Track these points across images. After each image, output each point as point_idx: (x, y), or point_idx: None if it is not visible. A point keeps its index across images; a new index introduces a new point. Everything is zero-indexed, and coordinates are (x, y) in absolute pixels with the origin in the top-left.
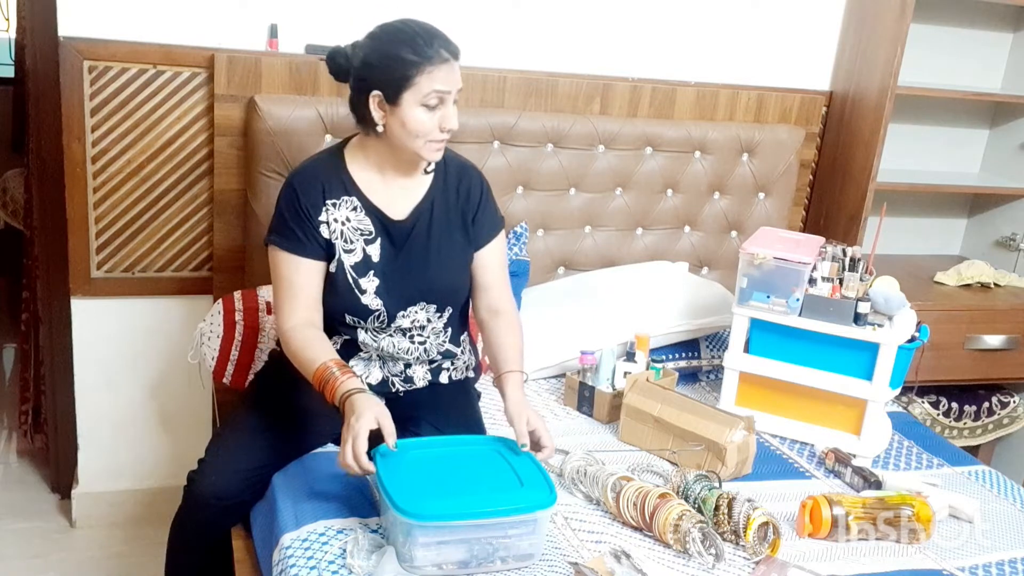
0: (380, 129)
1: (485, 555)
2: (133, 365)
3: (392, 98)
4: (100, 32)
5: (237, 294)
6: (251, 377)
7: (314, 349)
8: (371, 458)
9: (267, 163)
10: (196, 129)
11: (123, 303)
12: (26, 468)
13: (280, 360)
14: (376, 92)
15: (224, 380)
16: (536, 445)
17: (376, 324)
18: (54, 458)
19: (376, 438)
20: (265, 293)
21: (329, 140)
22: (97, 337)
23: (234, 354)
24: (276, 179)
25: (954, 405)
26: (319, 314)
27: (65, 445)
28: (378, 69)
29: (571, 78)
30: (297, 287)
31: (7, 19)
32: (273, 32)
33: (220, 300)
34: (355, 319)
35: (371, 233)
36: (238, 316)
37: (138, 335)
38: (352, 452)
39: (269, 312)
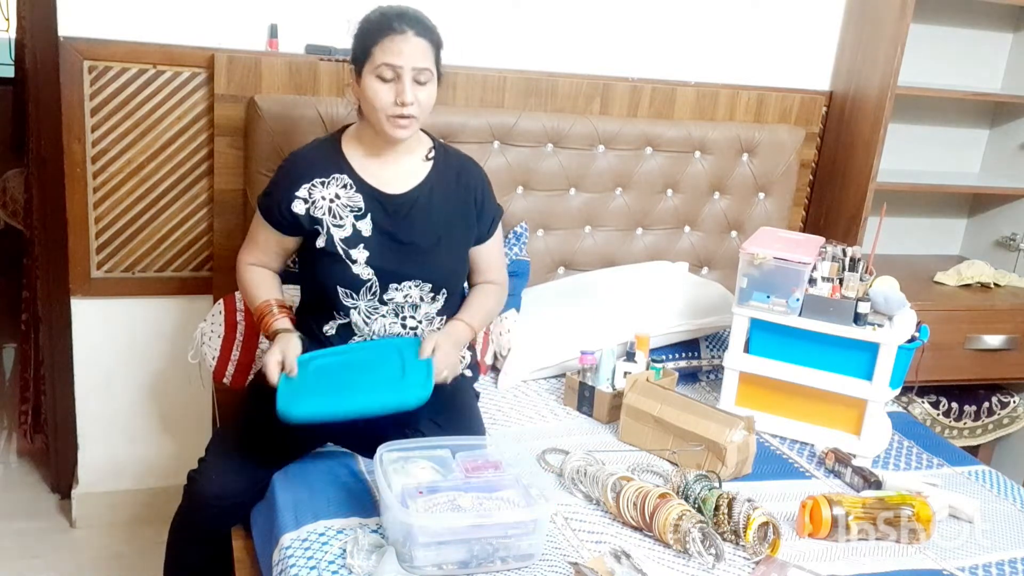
0: (356, 104)
1: (485, 555)
2: (133, 365)
3: (358, 71)
4: (100, 32)
5: (238, 294)
6: (251, 377)
7: (264, 286)
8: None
9: (267, 163)
10: (196, 129)
11: (123, 303)
12: (26, 468)
13: None
14: (352, 67)
15: (224, 380)
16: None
17: (368, 297)
18: (54, 458)
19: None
20: None
21: None
22: (97, 337)
23: (235, 354)
24: None
25: (954, 405)
26: (274, 266)
27: (65, 445)
28: (353, 46)
29: (571, 78)
30: (261, 244)
31: (7, 19)
32: (273, 32)
33: (221, 300)
34: (348, 292)
35: (361, 210)
36: (239, 316)
37: (138, 335)
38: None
39: None
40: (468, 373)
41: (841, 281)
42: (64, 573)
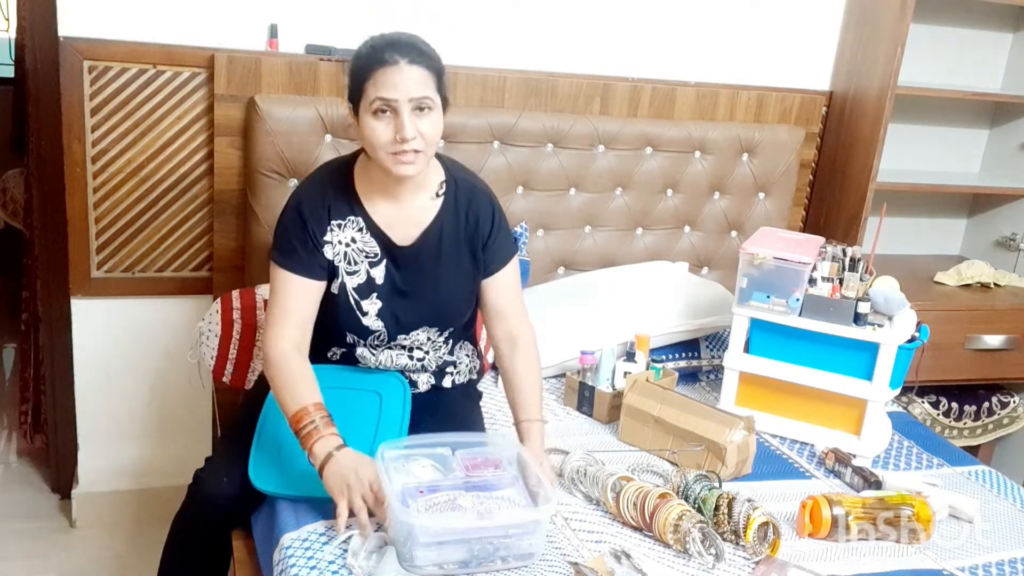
0: (361, 144)
1: (486, 555)
2: (133, 365)
3: (355, 110)
4: (100, 32)
5: (235, 292)
6: (251, 376)
7: (300, 385)
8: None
9: (267, 163)
10: (196, 129)
11: (123, 303)
12: (26, 468)
13: None
14: (349, 105)
15: (224, 379)
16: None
17: (376, 342)
18: (54, 458)
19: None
20: (263, 291)
21: (329, 140)
22: (97, 337)
23: (232, 353)
24: (276, 179)
25: (954, 405)
26: (307, 337)
27: (65, 445)
28: (348, 84)
29: (571, 78)
30: (291, 307)
31: (7, 19)
32: (273, 32)
33: (218, 299)
34: (355, 337)
35: (376, 256)
36: (235, 315)
37: (138, 335)
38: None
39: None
40: (474, 377)
41: (841, 281)
42: (64, 573)
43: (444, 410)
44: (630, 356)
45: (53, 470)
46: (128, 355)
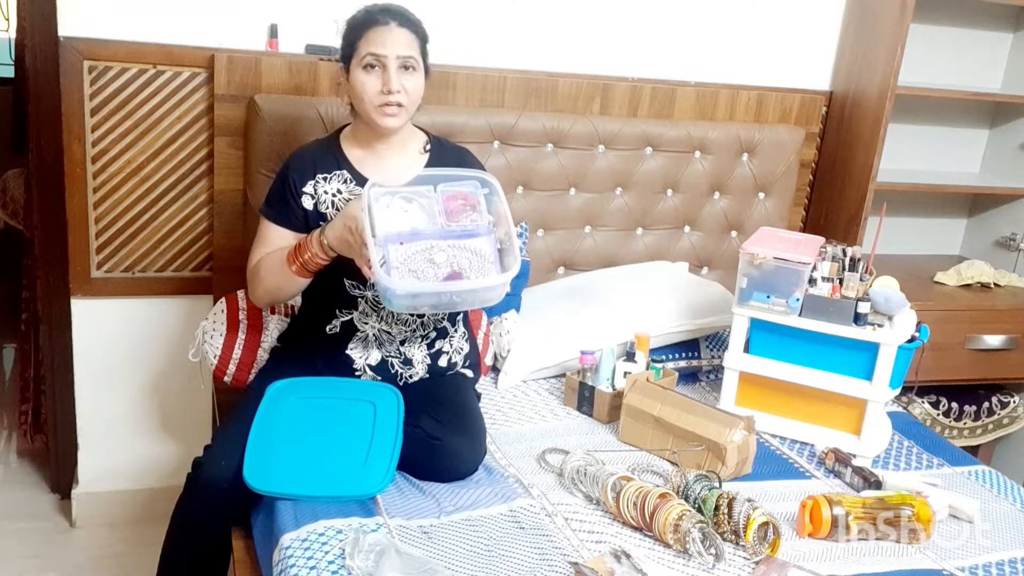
0: (349, 103)
1: (453, 304)
2: (133, 365)
3: (346, 67)
4: (100, 32)
5: (240, 293)
6: (253, 375)
7: (279, 252)
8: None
9: (267, 163)
10: (196, 129)
11: (123, 303)
12: (26, 468)
13: (283, 355)
14: (341, 64)
15: (225, 379)
16: None
17: (374, 290)
18: (54, 458)
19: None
20: None
21: None
22: (97, 337)
23: (237, 353)
24: None
25: (954, 405)
26: None
27: (65, 445)
28: (341, 46)
29: (571, 78)
30: (272, 247)
31: (7, 19)
32: (273, 32)
33: (224, 299)
34: (354, 283)
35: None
36: (242, 315)
37: (138, 335)
38: (359, 249)
39: (272, 312)
40: (469, 373)
41: (841, 281)
42: (64, 573)
43: (444, 400)
44: (630, 356)
45: (53, 470)
46: (128, 355)
